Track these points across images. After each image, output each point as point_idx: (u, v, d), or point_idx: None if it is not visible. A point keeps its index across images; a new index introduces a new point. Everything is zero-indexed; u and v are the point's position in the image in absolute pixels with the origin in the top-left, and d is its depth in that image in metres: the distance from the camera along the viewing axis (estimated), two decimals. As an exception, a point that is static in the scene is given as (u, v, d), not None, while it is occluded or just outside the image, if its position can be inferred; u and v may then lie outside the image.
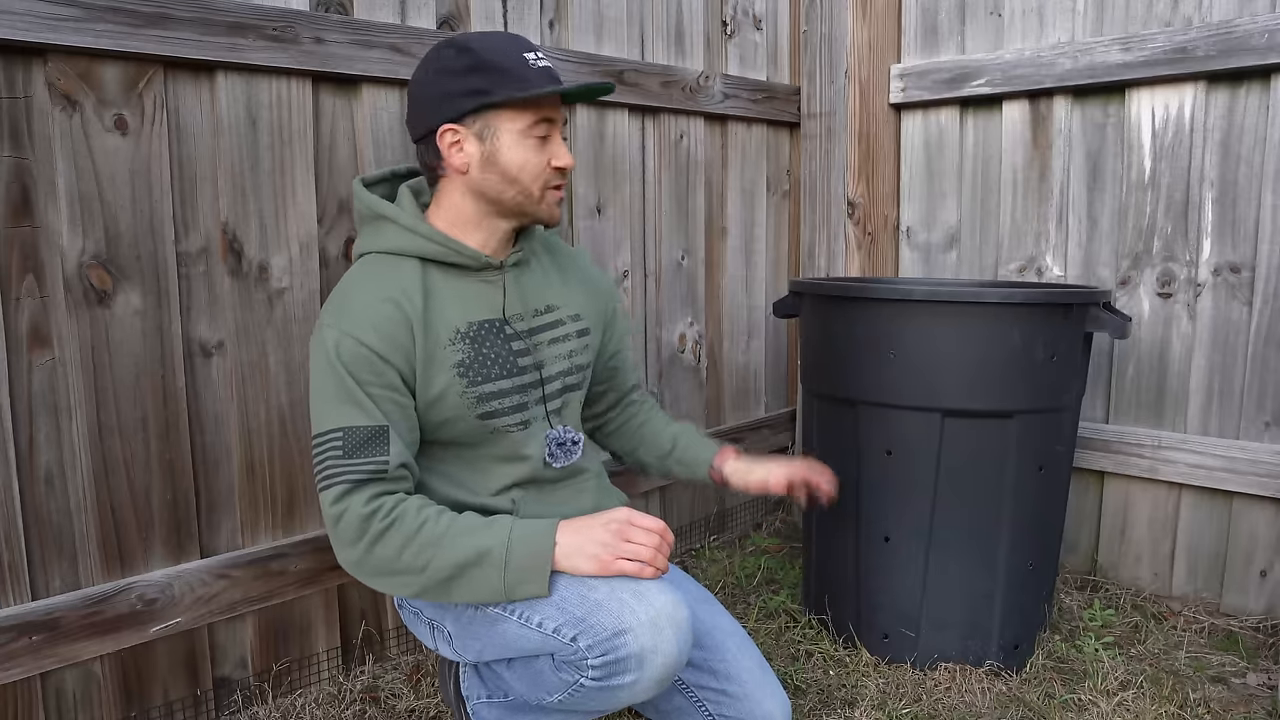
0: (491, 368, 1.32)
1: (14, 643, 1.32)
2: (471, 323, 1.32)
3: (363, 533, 1.19)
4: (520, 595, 1.19)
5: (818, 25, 2.48)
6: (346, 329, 1.23)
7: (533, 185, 1.31)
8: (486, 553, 1.19)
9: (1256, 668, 1.81)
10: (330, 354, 1.22)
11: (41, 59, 1.31)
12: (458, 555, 1.19)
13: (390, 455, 1.22)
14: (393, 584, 1.22)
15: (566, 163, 1.32)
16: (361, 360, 1.22)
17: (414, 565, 1.19)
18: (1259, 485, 1.95)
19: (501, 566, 1.18)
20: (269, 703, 1.63)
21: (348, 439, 1.21)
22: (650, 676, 1.16)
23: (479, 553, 1.19)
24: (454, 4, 1.79)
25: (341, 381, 1.22)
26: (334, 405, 1.22)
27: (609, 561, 1.19)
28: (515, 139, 1.29)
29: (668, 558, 1.24)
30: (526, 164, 1.30)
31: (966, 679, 1.73)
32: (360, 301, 1.26)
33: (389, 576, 1.21)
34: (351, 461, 1.21)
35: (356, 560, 1.21)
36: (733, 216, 2.45)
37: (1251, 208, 1.97)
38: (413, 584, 1.20)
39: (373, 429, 1.22)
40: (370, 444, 1.21)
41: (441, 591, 1.21)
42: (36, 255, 1.33)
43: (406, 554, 1.19)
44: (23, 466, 1.34)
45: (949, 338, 1.65)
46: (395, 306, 1.26)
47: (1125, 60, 2.06)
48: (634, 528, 1.22)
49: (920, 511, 1.73)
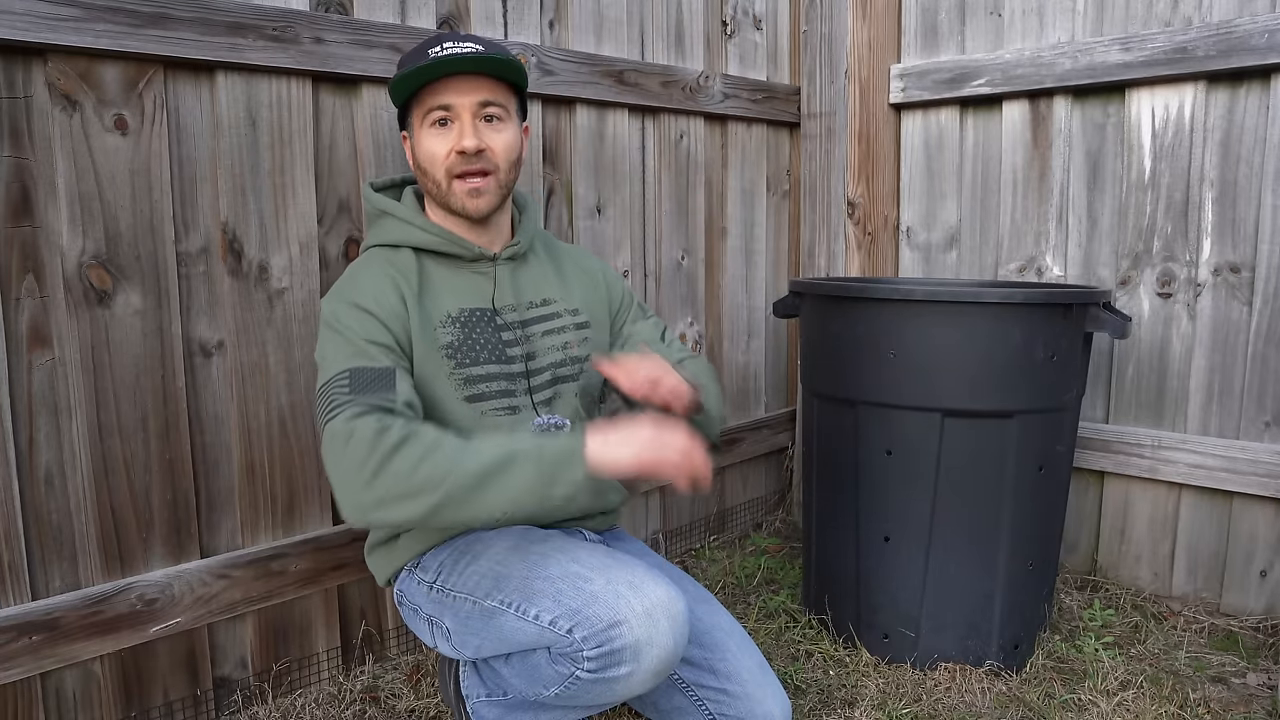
0: (480, 353, 1.36)
1: (14, 643, 1.32)
2: (463, 309, 1.37)
3: (374, 448, 1.12)
4: (560, 488, 1.12)
5: (818, 25, 2.48)
6: (349, 297, 1.29)
7: (438, 174, 1.34)
8: (516, 453, 1.13)
9: (1256, 668, 1.81)
10: (334, 320, 1.27)
11: (41, 59, 1.31)
12: (483, 460, 1.12)
13: (397, 394, 1.21)
14: (404, 507, 1.12)
15: (464, 145, 1.30)
16: (365, 321, 1.26)
17: (432, 478, 1.11)
18: (1259, 485, 1.95)
19: (537, 460, 1.12)
20: (269, 703, 1.63)
21: (355, 379, 1.20)
22: (646, 669, 1.16)
23: (508, 454, 1.13)
24: (454, 4, 1.79)
25: (345, 336, 1.25)
26: (339, 359, 1.23)
27: (651, 458, 1.12)
28: (422, 132, 1.34)
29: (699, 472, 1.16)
30: (430, 154, 1.34)
31: (966, 679, 1.73)
32: (361, 280, 1.32)
33: (400, 499, 1.12)
34: (359, 395, 1.18)
35: (365, 482, 1.12)
36: (733, 216, 2.45)
37: (1251, 208, 1.97)
38: (427, 501, 1.11)
39: (379, 370, 1.22)
40: (377, 383, 1.20)
41: (461, 505, 1.12)
42: (36, 255, 1.33)
43: (424, 466, 1.11)
44: (23, 466, 1.34)
45: (949, 338, 1.65)
46: (392, 284, 1.32)
47: (1125, 60, 2.06)
48: (679, 436, 1.15)
49: (920, 511, 1.73)
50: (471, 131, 1.31)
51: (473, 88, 1.31)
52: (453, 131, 1.32)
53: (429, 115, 1.32)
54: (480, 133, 1.32)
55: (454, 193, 1.34)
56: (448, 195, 1.35)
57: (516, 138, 1.38)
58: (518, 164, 1.40)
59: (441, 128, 1.33)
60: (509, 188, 1.39)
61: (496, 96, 1.34)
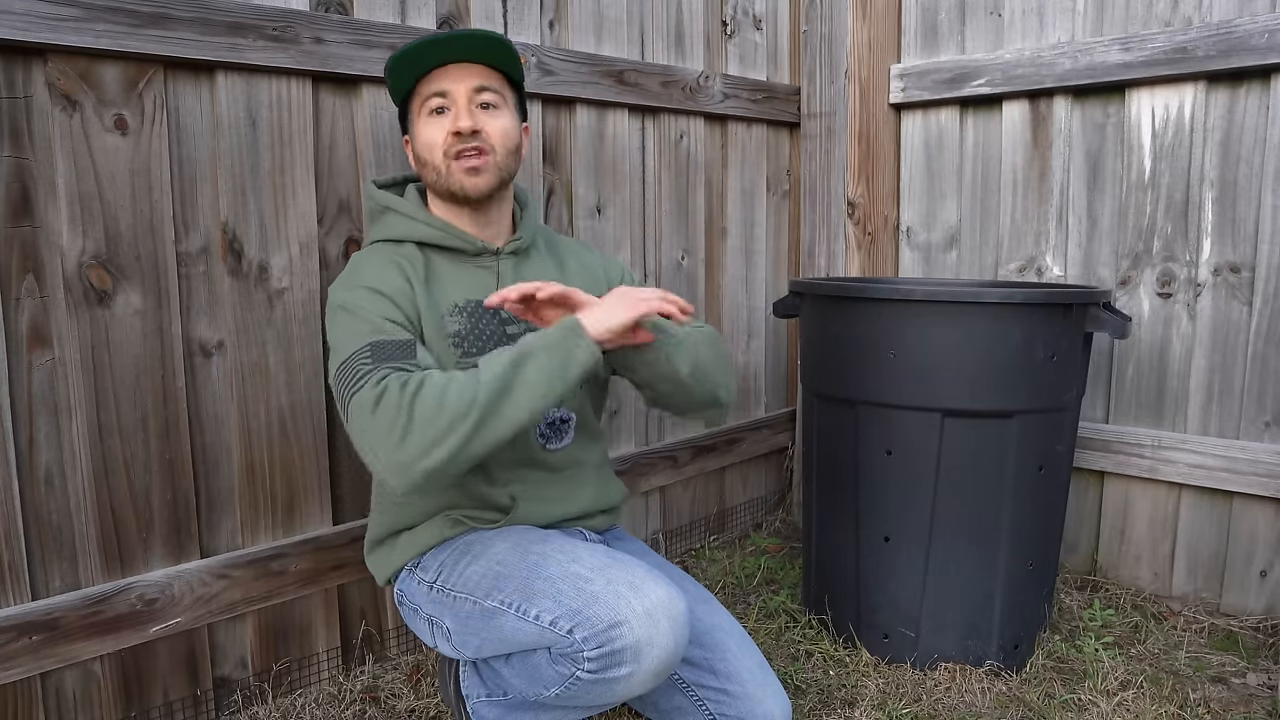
0: (486, 343, 1.38)
1: (14, 643, 1.32)
2: (469, 300, 1.39)
3: (399, 404, 1.14)
4: (576, 366, 1.19)
5: (818, 25, 2.48)
6: (359, 283, 1.29)
7: (436, 159, 1.35)
8: (524, 352, 1.19)
9: (1256, 668, 1.81)
10: (347, 303, 1.27)
11: (41, 59, 1.31)
12: (497, 371, 1.17)
13: (419, 361, 1.23)
14: (445, 445, 1.14)
15: (460, 125, 1.32)
16: (378, 301, 1.28)
17: (459, 408, 1.14)
18: (1259, 485, 1.95)
19: (548, 349, 1.19)
20: (269, 703, 1.63)
21: (377, 351, 1.21)
22: (646, 669, 1.16)
23: (517, 355, 1.19)
24: (454, 4, 1.79)
25: (363, 318, 1.25)
26: (358, 336, 1.23)
27: (635, 303, 1.22)
28: (421, 121, 1.36)
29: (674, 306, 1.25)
30: (428, 141, 1.36)
31: (966, 679, 1.73)
32: (366, 267, 1.33)
33: (438, 440, 1.13)
34: (382, 364, 1.20)
35: (399, 439, 1.13)
36: (733, 216, 2.45)
37: (1251, 208, 1.97)
38: (463, 430, 1.14)
39: (400, 342, 1.24)
40: (400, 352, 1.22)
41: (494, 417, 1.15)
42: (36, 255, 1.33)
43: (448, 400, 1.14)
44: (23, 466, 1.34)
45: (949, 338, 1.65)
46: (400, 272, 1.33)
47: (1125, 60, 2.06)
48: (640, 289, 1.26)
49: (920, 511, 1.73)
50: (467, 114, 1.34)
51: (467, 74, 1.35)
52: (449, 117, 1.35)
53: (426, 104, 1.35)
54: (476, 116, 1.35)
55: (452, 173, 1.35)
56: (447, 178, 1.36)
57: (514, 126, 1.40)
58: (516, 153, 1.41)
59: (439, 115, 1.35)
60: (507, 174, 1.40)
61: (491, 83, 1.37)
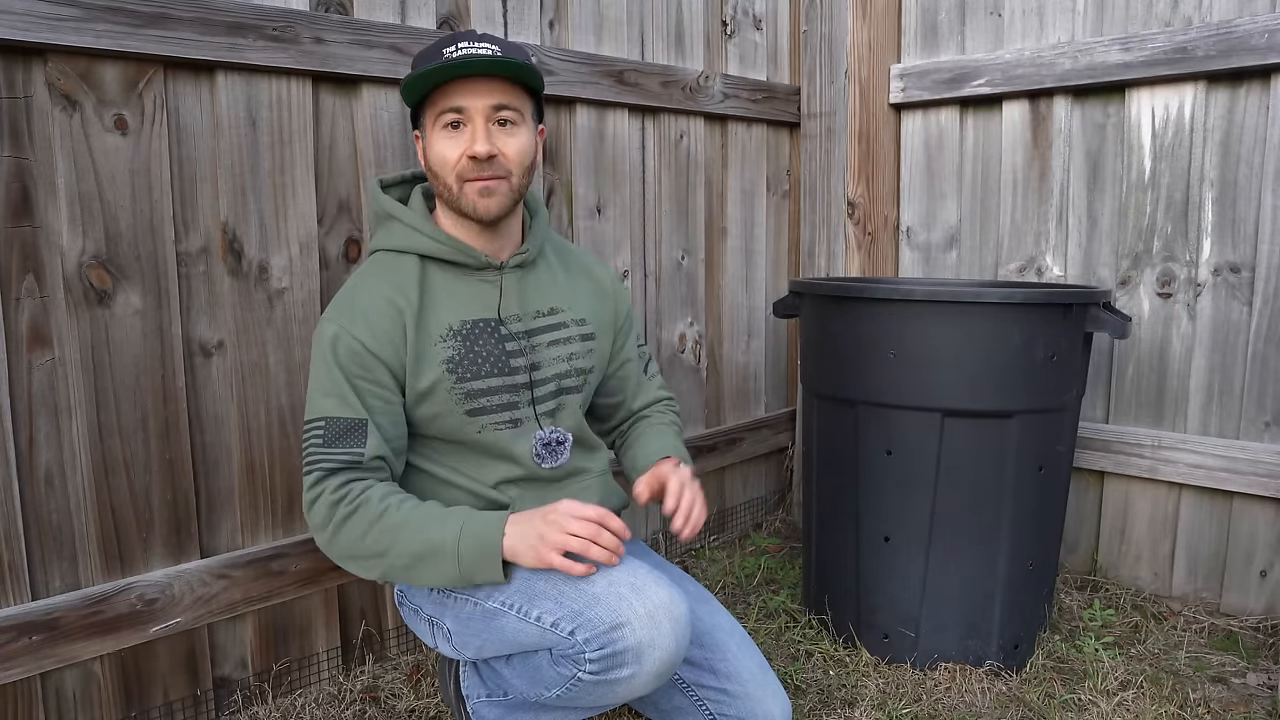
0: (482, 365, 1.34)
1: (14, 643, 1.32)
2: (465, 321, 1.34)
3: (330, 517, 1.25)
4: (479, 582, 1.24)
5: (818, 25, 2.48)
6: (343, 324, 1.28)
7: (449, 178, 1.30)
8: (440, 547, 1.22)
9: (1256, 668, 1.81)
10: (326, 346, 1.28)
11: (41, 59, 1.31)
12: (414, 546, 1.23)
13: (366, 447, 1.27)
14: (360, 566, 1.27)
15: (475, 150, 1.26)
16: (352, 355, 1.27)
17: (375, 550, 1.24)
18: (1259, 485, 1.95)
19: (455, 560, 1.22)
20: (269, 703, 1.63)
21: (329, 429, 1.27)
22: (648, 670, 1.16)
23: (432, 546, 1.22)
24: (454, 4, 1.79)
25: (331, 373, 1.27)
26: (322, 395, 1.28)
27: (544, 553, 1.20)
28: (434, 134, 1.31)
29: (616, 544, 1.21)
30: (441, 157, 1.30)
31: (966, 679, 1.73)
32: (359, 298, 1.31)
33: (355, 560, 1.26)
34: (329, 450, 1.26)
35: (326, 543, 1.27)
36: (733, 216, 2.45)
37: (1251, 208, 1.97)
38: (376, 567, 1.26)
39: (352, 421, 1.27)
40: (348, 435, 1.27)
41: (404, 576, 1.25)
42: (36, 255, 1.33)
43: (369, 539, 1.23)
44: (23, 466, 1.34)
45: (949, 338, 1.65)
46: (389, 303, 1.30)
47: (1125, 60, 2.06)
48: (571, 518, 1.21)
49: (920, 511, 1.73)
50: (484, 136, 1.26)
51: (487, 90, 1.27)
52: (464, 135, 1.28)
53: (441, 117, 1.28)
54: (493, 137, 1.28)
55: (465, 194, 1.29)
56: (459, 199, 1.30)
57: (530, 142, 1.33)
58: (531, 169, 1.35)
59: (454, 130, 1.28)
60: (521, 193, 1.34)
61: (511, 100, 1.29)
